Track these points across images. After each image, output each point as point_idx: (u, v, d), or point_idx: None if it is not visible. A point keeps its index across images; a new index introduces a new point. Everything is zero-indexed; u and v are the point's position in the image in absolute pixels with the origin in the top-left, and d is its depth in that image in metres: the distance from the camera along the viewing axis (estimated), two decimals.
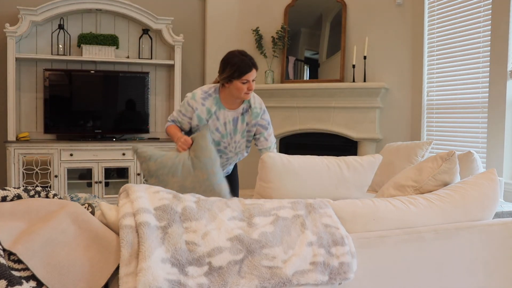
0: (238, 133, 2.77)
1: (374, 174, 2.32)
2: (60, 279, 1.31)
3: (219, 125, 2.72)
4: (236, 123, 2.75)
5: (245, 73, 2.60)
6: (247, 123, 2.77)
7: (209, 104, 2.68)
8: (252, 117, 2.77)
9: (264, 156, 2.12)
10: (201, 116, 2.68)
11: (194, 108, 2.67)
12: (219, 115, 2.70)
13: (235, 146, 2.80)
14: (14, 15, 4.82)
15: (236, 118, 2.75)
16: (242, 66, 2.60)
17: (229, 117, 2.73)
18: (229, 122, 2.73)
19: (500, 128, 3.68)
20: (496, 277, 1.91)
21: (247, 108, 2.77)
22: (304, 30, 5.33)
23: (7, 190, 1.58)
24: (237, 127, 2.76)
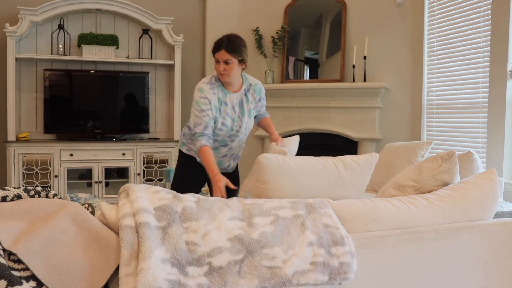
0: (245, 114, 2.81)
1: (373, 173, 2.32)
2: (60, 279, 1.31)
3: (228, 110, 2.76)
4: (242, 105, 2.81)
5: (214, 52, 2.67)
6: (252, 101, 2.84)
7: (217, 92, 2.73)
8: (256, 93, 2.86)
9: (260, 157, 2.12)
10: (216, 105, 2.71)
11: (210, 99, 2.68)
12: (226, 101, 2.75)
13: (245, 127, 2.84)
14: (14, 15, 4.82)
15: (241, 100, 2.80)
16: (214, 44, 2.69)
17: (235, 100, 2.78)
18: (236, 105, 2.78)
19: (500, 128, 3.68)
20: (496, 277, 1.91)
21: (248, 87, 2.84)
22: (304, 30, 5.33)
23: (7, 190, 1.58)
24: (243, 108, 2.81)
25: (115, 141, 4.96)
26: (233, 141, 2.84)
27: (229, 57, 2.64)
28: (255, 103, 2.87)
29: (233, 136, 2.82)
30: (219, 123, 2.73)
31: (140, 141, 5.07)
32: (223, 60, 2.65)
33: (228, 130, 2.76)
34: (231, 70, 2.67)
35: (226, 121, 2.75)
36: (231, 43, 2.67)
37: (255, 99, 2.86)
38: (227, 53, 2.64)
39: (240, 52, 2.67)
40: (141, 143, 5.03)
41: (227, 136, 2.80)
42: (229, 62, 2.65)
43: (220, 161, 2.89)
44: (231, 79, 2.72)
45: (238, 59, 2.67)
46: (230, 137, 2.81)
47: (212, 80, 2.76)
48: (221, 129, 2.75)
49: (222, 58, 2.65)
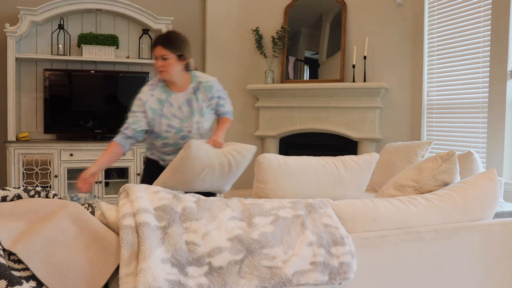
0: (195, 113, 2.70)
1: (373, 173, 2.32)
2: (60, 279, 1.31)
3: (174, 111, 2.66)
4: (191, 104, 2.69)
5: (152, 48, 2.63)
6: (203, 100, 2.72)
7: (158, 94, 2.65)
8: (207, 91, 2.73)
9: (260, 157, 2.12)
10: (153, 107, 2.62)
11: (144, 101, 2.62)
12: (171, 101, 2.66)
13: (198, 127, 2.72)
14: (14, 15, 4.82)
15: (190, 99, 2.69)
16: (155, 40, 2.64)
17: (181, 99, 2.68)
18: (183, 104, 2.68)
19: (500, 128, 3.68)
20: (496, 277, 1.91)
21: (197, 86, 2.72)
22: (304, 30, 5.33)
23: (7, 190, 1.58)
24: (193, 107, 2.69)
25: None
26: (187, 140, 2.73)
27: (166, 52, 2.56)
28: (207, 102, 2.73)
29: (185, 137, 2.70)
30: (164, 125, 2.64)
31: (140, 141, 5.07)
32: (160, 56, 2.57)
33: (176, 131, 2.66)
34: (170, 66, 2.58)
35: (173, 122, 2.65)
36: (167, 38, 2.61)
37: (207, 97, 2.72)
38: (164, 48, 2.57)
39: (177, 47, 2.58)
40: (140, 143, 5.02)
41: (178, 138, 2.69)
42: (166, 58, 2.57)
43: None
44: (171, 76, 2.62)
45: (177, 54, 2.58)
46: (183, 138, 2.69)
47: (155, 81, 2.70)
48: (168, 131, 2.66)
49: (159, 53, 2.57)
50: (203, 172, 2.50)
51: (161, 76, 2.63)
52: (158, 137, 2.70)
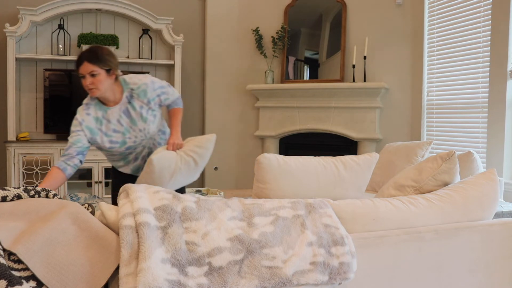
0: (137, 121, 2.61)
1: (373, 173, 2.32)
2: (60, 279, 1.31)
3: (113, 126, 2.58)
4: (129, 114, 2.60)
5: (77, 67, 2.47)
6: (141, 106, 2.62)
7: (94, 112, 2.55)
8: (141, 97, 2.62)
9: (260, 157, 2.12)
10: (90, 126, 2.54)
11: (80, 121, 2.52)
12: (108, 117, 2.57)
13: (144, 133, 2.65)
14: (14, 15, 4.82)
15: (126, 110, 2.60)
16: (76, 60, 2.49)
17: (118, 112, 2.58)
18: (121, 118, 2.59)
19: (500, 128, 3.68)
20: (496, 277, 1.91)
21: (130, 94, 2.61)
22: (304, 30, 5.33)
23: (7, 190, 1.58)
24: (132, 117, 2.60)
25: None
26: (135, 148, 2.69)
27: (94, 67, 2.42)
28: (146, 107, 2.63)
29: (131, 147, 2.66)
30: (107, 143, 2.58)
31: None
32: (88, 73, 2.43)
33: (120, 145, 2.61)
34: (99, 83, 2.45)
35: (114, 138, 2.59)
36: (92, 53, 2.46)
37: (143, 102, 2.62)
38: (90, 63, 2.43)
39: (104, 61, 2.46)
40: None
41: (124, 149, 2.65)
42: (95, 74, 2.43)
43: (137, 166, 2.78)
44: (102, 93, 2.50)
45: (105, 68, 2.45)
46: (129, 149, 2.65)
47: (89, 101, 2.59)
48: (112, 147, 2.60)
49: (86, 71, 2.43)
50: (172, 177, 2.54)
51: (91, 94, 2.50)
52: (102, 150, 2.67)
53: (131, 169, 2.80)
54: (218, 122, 5.54)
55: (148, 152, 2.75)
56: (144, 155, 2.76)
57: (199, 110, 5.65)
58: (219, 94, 5.54)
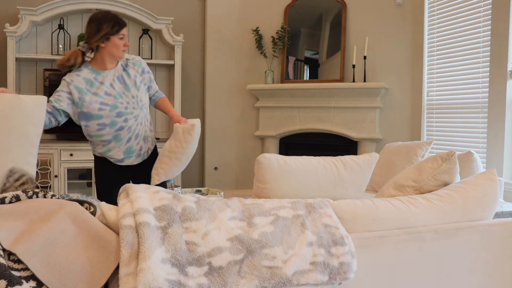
0: (130, 88, 2.70)
1: (373, 173, 2.32)
2: (60, 279, 1.31)
3: (106, 88, 2.65)
4: (123, 80, 2.70)
5: (122, 27, 2.64)
6: (135, 75, 2.74)
7: (85, 74, 2.64)
8: (136, 65, 2.77)
9: (260, 157, 2.12)
10: (79, 87, 2.61)
11: (69, 81, 2.61)
12: (101, 80, 2.65)
13: (136, 101, 2.72)
14: (14, 15, 4.82)
15: (121, 76, 2.70)
16: (119, 21, 2.65)
17: (112, 77, 2.68)
18: (114, 82, 2.67)
19: (500, 128, 3.68)
20: (496, 277, 1.91)
21: (126, 63, 2.75)
22: (304, 30, 5.33)
23: (5, 192, 1.58)
24: (126, 83, 2.70)
25: None
26: (126, 120, 2.69)
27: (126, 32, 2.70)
28: (140, 76, 2.76)
29: (122, 114, 2.67)
30: (97, 104, 2.60)
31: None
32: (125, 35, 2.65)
33: (111, 108, 2.63)
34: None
35: (105, 100, 2.63)
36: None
37: (138, 71, 2.76)
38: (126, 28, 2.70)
39: None
40: None
41: (114, 116, 2.64)
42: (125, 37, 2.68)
43: (129, 148, 2.75)
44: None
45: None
46: (120, 115, 2.66)
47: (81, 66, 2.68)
48: (102, 108, 2.61)
49: (126, 33, 2.67)
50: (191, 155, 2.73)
51: (122, 55, 2.69)
52: (91, 118, 2.63)
53: (124, 152, 2.75)
54: (218, 122, 5.54)
55: (141, 135, 2.77)
56: (137, 133, 2.75)
57: (199, 110, 5.65)
58: (219, 94, 5.54)
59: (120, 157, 2.76)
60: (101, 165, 2.84)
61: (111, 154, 2.75)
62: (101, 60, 2.67)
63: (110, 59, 2.67)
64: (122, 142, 2.72)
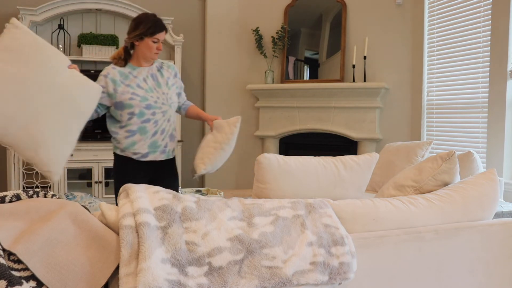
0: (162, 85, 2.84)
1: (373, 173, 2.32)
2: (60, 279, 1.31)
3: (139, 81, 2.78)
4: (156, 78, 2.85)
5: (158, 31, 2.77)
6: (168, 77, 2.90)
7: (121, 68, 2.79)
8: (171, 68, 2.95)
9: (260, 157, 2.12)
10: (114, 78, 2.75)
11: (106, 74, 2.75)
12: (136, 74, 2.80)
13: (166, 97, 2.83)
14: (14, 15, 4.82)
15: (155, 74, 2.85)
16: (157, 24, 2.78)
17: (146, 73, 2.83)
18: (148, 78, 2.82)
19: (500, 128, 3.68)
20: (496, 277, 1.91)
21: (160, 65, 2.92)
22: (304, 30, 5.33)
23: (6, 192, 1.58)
24: (158, 81, 2.85)
25: None
26: (154, 113, 2.78)
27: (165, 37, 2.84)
28: (172, 78, 2.91)
29: (151, 107, 2.76)
30: (129, 94, 2.72)
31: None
32: (161, 40, 2.81)
33: (141, 99, 2.74)
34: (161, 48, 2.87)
35: (137, 91, 2.74)
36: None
37: (171, 74, 2.92)
38: (166, 33, 2.84)
39: None
40: None
41: (144, 107, 2.74)
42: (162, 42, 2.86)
43: (155, 142, 2.81)
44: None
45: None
46: (148, 108, 2.75)
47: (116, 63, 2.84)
48: (133, 98, 2.72)
49: (162, 38, 2.81)
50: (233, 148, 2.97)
51: (155, 58, 2.84)
52: (123, 108, 2.72)
53: (149, 145, 2.80)
54: None
55: (167, 132, 2.86)
56: (163, 129, 2.83)
57: None
58: (219, 94, 5.54)
59: (145, 151, 2.80)
60: (122, 164, 2.87)
61: (136, 147, 2.79)
62: (136, 57, 2.83)
63: (143, 59, 2.82)
64: (148, 135, 2.79)
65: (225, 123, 2.89)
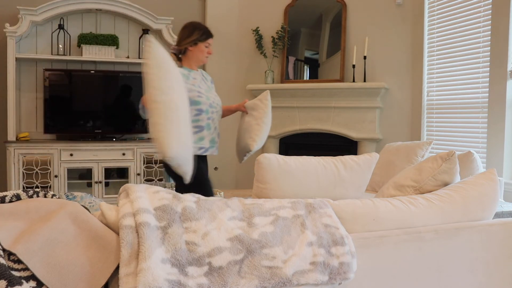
0: (210, 88, 3.16)
1: (373, 173, 2.32)
2: (60, 279, 1.31)
3: (198, 83, 3.05)
4: (205, 82, 3.15)
5: (210, 37, 3.08)
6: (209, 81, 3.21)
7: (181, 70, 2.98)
8: (208, 76, 3.25)
9: (260, 157, 2.12)
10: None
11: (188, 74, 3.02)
12: (194, 76, 3.06)
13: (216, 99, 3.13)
14: (14, 15, 4.82)
15: (203, 79, 3.16)
16: (208, 31, 3.09)
17: (199, 76, 3.12)
18: (201, 81, 3.10)
19: (500, 128, 3.68)
20: (496, 277, 1.91)
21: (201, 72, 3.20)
22: (304, 30, 5.33)
23: (6, 192, 1.58)
24: (207, 84, 3.15)
25: (115, 141, 4.96)
26: (213, 112, 3.06)
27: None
28: (211, 84, 3.22)
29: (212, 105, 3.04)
30: (195, 92, 2.96)
31: (140, 141, 5.08)
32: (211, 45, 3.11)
33: (206, 98, 3.01)
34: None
35: (201, 90, 3.01)
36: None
37: (209, 81, 3.22)
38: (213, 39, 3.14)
39: None
40: (141, 143, 5.03)
41: (208, 106, 3.00)
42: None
43: (213, 139, 3.08)
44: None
45: None
46: (211, 106, 3.03)
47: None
48: (200, 95, 2.97)
49: (212, 43, 3.10)
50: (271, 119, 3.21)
51: (205, 61, 3.15)
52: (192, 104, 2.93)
53: (210, 141, 3.06)
54: None
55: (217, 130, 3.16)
56: (215, 127, 3.12)
57: None
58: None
59: (208, 145, 3.04)
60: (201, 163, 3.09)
61: (203, 143, 3.01)
62: (188, 61, 3.09)
63: (195, 62, 3.10)
64: (210, 131, 3.06)
65: (257, 100, 3.17)
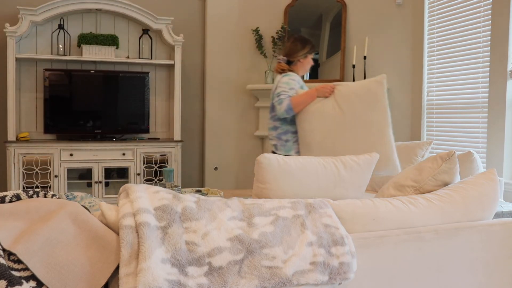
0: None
1: (373, 173, 2.32)
2: (60, 279, 1.31)
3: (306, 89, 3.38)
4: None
5: (315, 51, 3.49)
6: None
7: (297, 77, 3.40)
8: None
9: (260, 157, 2.12)
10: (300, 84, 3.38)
11: (297, 81, 3.35)
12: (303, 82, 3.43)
13: None
14: (14, 15, 4.82)
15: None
16: (314, 45, 3.48)
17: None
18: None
19: (500, 128, 3.68)
20: (496, 277, 1.91)
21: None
22: (304, 30, 5.33)
23: (6, 192, 1.58)
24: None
25: (115, 141, 4.96)
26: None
27: None
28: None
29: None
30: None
31: (140, 141, 5.08)
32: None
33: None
34: None
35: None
36: None
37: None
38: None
39: None
40: (141, 143, 5.03)
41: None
42: None
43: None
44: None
45: None
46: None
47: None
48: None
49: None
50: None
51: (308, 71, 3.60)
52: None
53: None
54: (218, 122, 5.54)
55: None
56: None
57: (199, 110, 5.65)
58: (219, 94, 5.54)
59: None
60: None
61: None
62: (297, 71, 3.44)
63: (302, 72, 3.47)
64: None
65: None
